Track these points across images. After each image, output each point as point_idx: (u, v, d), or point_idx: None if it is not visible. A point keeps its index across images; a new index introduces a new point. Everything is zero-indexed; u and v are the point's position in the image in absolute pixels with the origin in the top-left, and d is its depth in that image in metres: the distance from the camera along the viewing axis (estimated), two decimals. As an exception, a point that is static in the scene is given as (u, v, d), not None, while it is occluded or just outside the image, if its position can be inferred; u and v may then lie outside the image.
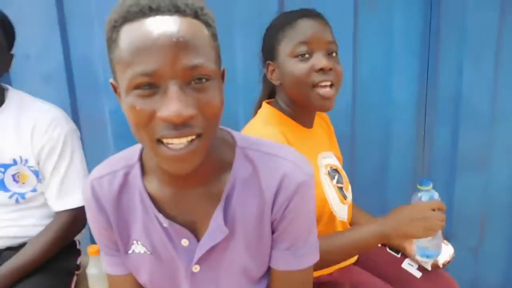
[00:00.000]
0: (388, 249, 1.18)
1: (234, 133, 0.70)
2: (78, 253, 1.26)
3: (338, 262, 1.00)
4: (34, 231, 1.14)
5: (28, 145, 1.09)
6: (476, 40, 1.41)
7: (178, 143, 0.53)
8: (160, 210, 0.66)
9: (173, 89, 0.51)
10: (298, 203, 0.65)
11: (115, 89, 0.62)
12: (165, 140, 0.53)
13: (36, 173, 1.12)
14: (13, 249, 1.13)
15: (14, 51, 1.14)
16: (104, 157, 1.46)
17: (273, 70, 0.99)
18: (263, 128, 0.94)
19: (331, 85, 0.93)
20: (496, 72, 1.43)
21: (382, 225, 0.92)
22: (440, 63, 1.44)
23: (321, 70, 0.91)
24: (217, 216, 0.65)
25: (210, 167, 0.64)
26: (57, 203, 1.13)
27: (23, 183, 1.13)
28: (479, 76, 1.43)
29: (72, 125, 1.17)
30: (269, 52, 1.00)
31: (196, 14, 0.55)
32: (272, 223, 0.68)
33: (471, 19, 1.40)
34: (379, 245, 1.19)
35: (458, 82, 1.44)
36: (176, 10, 0.53)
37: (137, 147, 0.71)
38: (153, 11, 0.52)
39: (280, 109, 1.02)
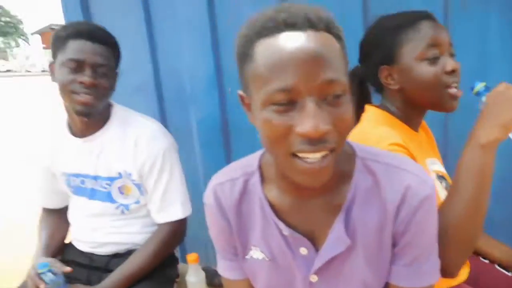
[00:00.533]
0: (497, 267, 1.10)
1: (353, 143, 0.68)
2: (177, 261, 1.32)
3: (478, 222, 0.79)
4: (137, 238, 1.22)
5: (131, 160, 1.16)
6: None
7: (313, 157, 0.53)
8: (280, 218, 0.67)
9: (310, 105, 0.51)
10: (422, 217, 0.63)
11: (242, 99, 0.64)
12: (300, 154, 0.53)
13: (139, 186, 1.19)
14: (119, 256, 1.22)
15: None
16: (190, 165, 1.53)
17: (390, 74, 0.96)
18: (376, 129, 0.91)
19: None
20: None
21: (475, 137, 0.81)
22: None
23: (452, 71, 0.90)
24: (338, 226, 0.64)
25: (332, 176, 0.62)
26: (159, 216, 1.19)
27: (128, 195, 1.20)
28: None
29: (171, 139, 1.21)
30: (384, 57, 0.96)
31: (328, 28, 0.54)
32: (393, 237, 0.65)
33: None
34: (487, 261, 1.12)
35: None
36: (310, 25, 0.53)
37: (256, 156, 0.72)
38: (288, 26, 0.52)
39: (389, 111, 0.99)
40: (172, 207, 1.18)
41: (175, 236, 1.21)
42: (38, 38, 40.82)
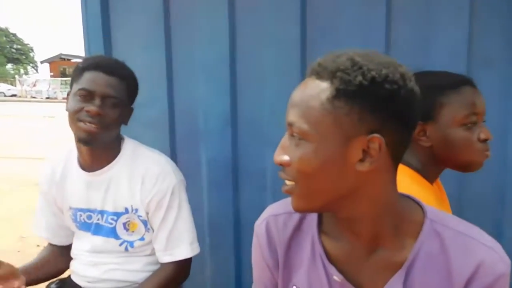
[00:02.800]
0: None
1: (426, 206, 0.65)
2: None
3: None
4: (139, 276, 1.18)
5: (138, 196, 1.13)
6: None
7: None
8: (331, 262, 0.65)
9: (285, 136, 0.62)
10: None
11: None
12: None
13: (145, 223, 1.15)
14: (118, 294, 1.16)
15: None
16: (196, 203, 1.50)
17: (423, 131, 0.96)
18: (415, 187, 0.90)
19: None
20: None
21: None
22: None
23: (485, 140, 0.93)
24: (395, 285, 0.61)
25: (393, 230, 0.62)
26: (165, 255, 1.15)
27: (132, 231, 1.16)
28: None
29: (180, 176, 1.20)
30: (422, 113, 0.96)
31: (332, 75, 0.58)
32: None
33: None
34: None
35: None
36: (316, 73, 0.58)
37: None
38: (313, 73, 0.59)
39: (411, 166, 0.98)
40: (178, 247, 1.14)
41: (179, 276, 1.17)
42: (46, 66, 41.70)
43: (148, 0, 1.50)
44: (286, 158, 0.58)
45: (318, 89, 0.55)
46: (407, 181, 0.93)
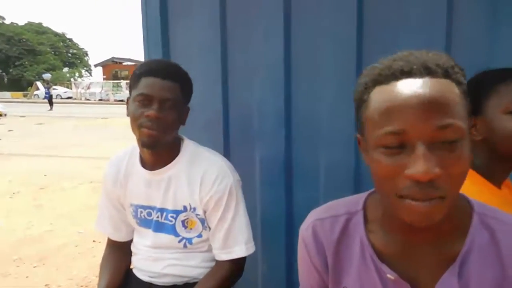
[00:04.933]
0: None
1: (471, 199, 0.66)
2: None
3: None
4: (196, 272, 1.22)
5: (197, 195, 1.16)
6: None
7: (421, 200, 0.53)
8: (382, 261, 0.65)
9: (420, 148, 0.51)
10: None
11: (359, 142, 0.65)
12: (407, 199, 0.53)
13: (202, 221, 1.19)
14: (177, 288, 1.20)
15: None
16: (250, 203, 1.52)
17: (474, 125, 0.97)
18: (476, 189, 0.88)
19: None
20: None
21: None
22: None
23: None
24: (450, 279, 0.61)
25: (445, 226, 0.62)
26: (222, 253, 1.18)
27: (191, 228, 1.20)
28: None
29: (237, 175, 1.22)
30: (470, 107, 0.95)
31: (447, 74, 0.55)
32: None
33: None
34: None
35: None
36: (427, 72, 0.54)
37: (362, 196, 0.72)
38: (404, 74, 0.54)
39: (472, 166, 0.96)
40: (236, 245, 1.16)
41: (235, 275, 1.19)
42: (99, 69, 43.96)
43: (205, 3, 1.54)
44: (439, 170, 0.51)
45: (448, 86, 0.54)
46: (467, 183, 0.91)
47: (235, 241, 1.17)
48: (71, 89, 36.43)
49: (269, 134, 1.52)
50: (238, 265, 1.18)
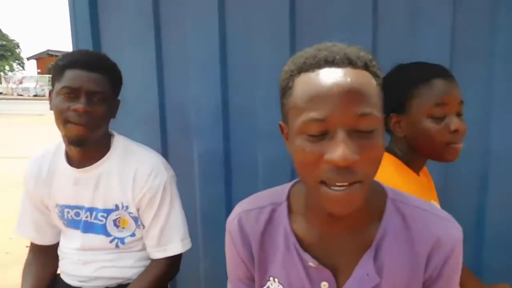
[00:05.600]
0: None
1: (385, 186, 0.70)
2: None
3: None
4: (130, 273, 1.18)
5: (129, 193, 1.13)
6: None
7: (340, 185, 0.55)
8: (305, 250, 0.67)
9: (341, 135, 0.53)
10: (455, 260, 0.65)
11: (282, 130, 0.66)
12: (328, 182, 0.55)
13: (135, 219, 1.15)
14: (111, 291, 1.16)
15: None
16: (189, 198, 1.50)
17: (398, 122, 1.00)
18: (396, 175, 0.95)
19: None
20: None
21: None
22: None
23: (455, 131, 0.94)
24: (366, 263, 0.65)
25: (362, 213, 0.65)
26: (157, 251, 1.15)
27: (123, 228, 1.16)
28: None
29: (171, 172, 1.20)
30: (395, 105, 1.00)
31: (367, 66, 0.57)
32: (425, 281, 0.66)
33: None
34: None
35: None
36: (348, 63, 0.56)
37: (286, 187, 0.73)
38: (328, 63, 0.56)
39: (395, 154, 1.02)
40: (171, 243, 1.14)
41: (170, 273, 1.17)
42: (33, 63, 41.05)
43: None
44: (357, 156, 0.53)
45: (367, 78, 0.56)
46: (390, 169, 0.97)
47: (170, 238, 1.14)
48: (0, 83, 33.71)
49: (207, 129, 1.50)
50: (173, 262, 1.16)
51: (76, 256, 1.18)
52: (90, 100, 1.05)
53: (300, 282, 0.68)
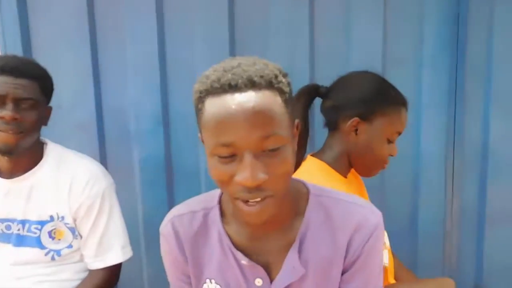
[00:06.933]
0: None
1: (308, 183, 0.75)
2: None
3: None
4: (68, 286, 1.13)
5: (65, 202, 1.09)
6: (501, 93, 1.44)
7: (252, 201, 0.59)
8: (238, 250, 0.71)
9: (247, 157, 0.56)
10: (372, 245, 0.70)
11: (203, 141, 0.68)
12: (241, 199, 0.59)
13: (72, 230, 1.12)
14: (47, 306, 1.11)
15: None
16: (130, 206, 1.48)
17: (356, 128, 1.04)
18: (326, 183, 0.97)
19: None
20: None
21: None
22: (467, 116, 1.46)
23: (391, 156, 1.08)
24: (292, 256, 0.69)
25: (286, 214, 0.70)
26: (95, 261, 1.12)
27: (59, 239, 1.12)
28: (506, 129, 1.45)
29: (110, 179, 1.17)
30: (364, 112, 1.03)
31: (271, 84, 0.59)
32: (345, 266, 0.71)
33: (496, 74, 1.43)
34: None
35: (485, 135, 1.47)
36: (251, 85, 0.57)
37: (216, 192, 0.76)
38: (232, 87, 0.57)
39: (323, 159, 1.07)
40: (110, 252, 1.12)
41: (110, 283, 1.15)
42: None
43: (70, -4, 1.43)
44: (264, 176, 0.57)
45: (270, 98, 0.58)
46: (317, 174, 1.02)
47: (109, 247, 1.12)
48: None
49: (147, 135, 1.48)
50: (113, 272, 1.14)
51: (8, 272, 1.12)
52: (18, 107, 1.01)
53: (236, 280, 0.72)
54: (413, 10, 1.43)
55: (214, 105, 0.58)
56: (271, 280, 0.71)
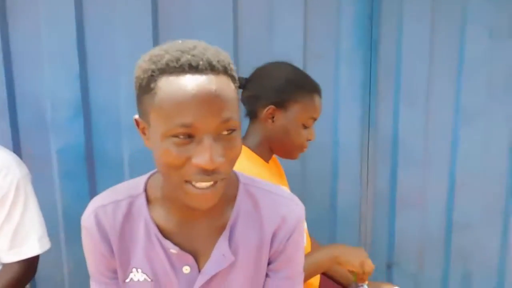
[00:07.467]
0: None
1: (237, 171, 0.76)
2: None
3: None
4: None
5: None
6: (410, 88, 1.57)
7: (205, 184, 0.59)
8: (165, 238, 0.70)
9: (207, 140, 0.56)
10: (297, 236, 0.74)
11: (137, 124, 0.66)
12: (193, 182, 0.59)
13: (-16, 223, 1.05)
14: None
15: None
16: (48, 198, 1.42)
17: (273, 115, 1.09)
18: (251, 167, 1.01)
19: None
20: (427, 116, 1.60)
21: (333, 249, 1.10)
22: (380, 108, 1.58)
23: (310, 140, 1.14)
24: (222, 244, 0.70)
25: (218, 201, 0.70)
26: (10, 254, 1.06)
27: (-31, 233, 1.04)
28: (413, 121, 1.58)
29: (24, 169, 1.11)
30: (279, 100, 1.08)
31: (226, 70, 0.60)
32: (271, 255, 0.75)
33: (405, 70, 1.56)
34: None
35: (395, 125, 1.59)
36: (211, 69, 0.58)
37: (141, 179, 0.74)
38: (192, 68, 0.57)
39: (246, 144, 1.11)
40: (26, 244, 1.07)
41: (26, 275, 1.09)
42: None
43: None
44: (222, 159, 0.58)
45: (227, 83, 0.59)
46: (243, 157, 1.05)
47: (25, 239, 1.07)
48: None
49: (66, 125, 1.42)
50: (29, 265, 1.08)
51: None
52: None
53: (163, 269, 0.71)
54: (331, 8, 1.51)
55: (172, 85, 0.56)
56: (200, 268, 0.71)
